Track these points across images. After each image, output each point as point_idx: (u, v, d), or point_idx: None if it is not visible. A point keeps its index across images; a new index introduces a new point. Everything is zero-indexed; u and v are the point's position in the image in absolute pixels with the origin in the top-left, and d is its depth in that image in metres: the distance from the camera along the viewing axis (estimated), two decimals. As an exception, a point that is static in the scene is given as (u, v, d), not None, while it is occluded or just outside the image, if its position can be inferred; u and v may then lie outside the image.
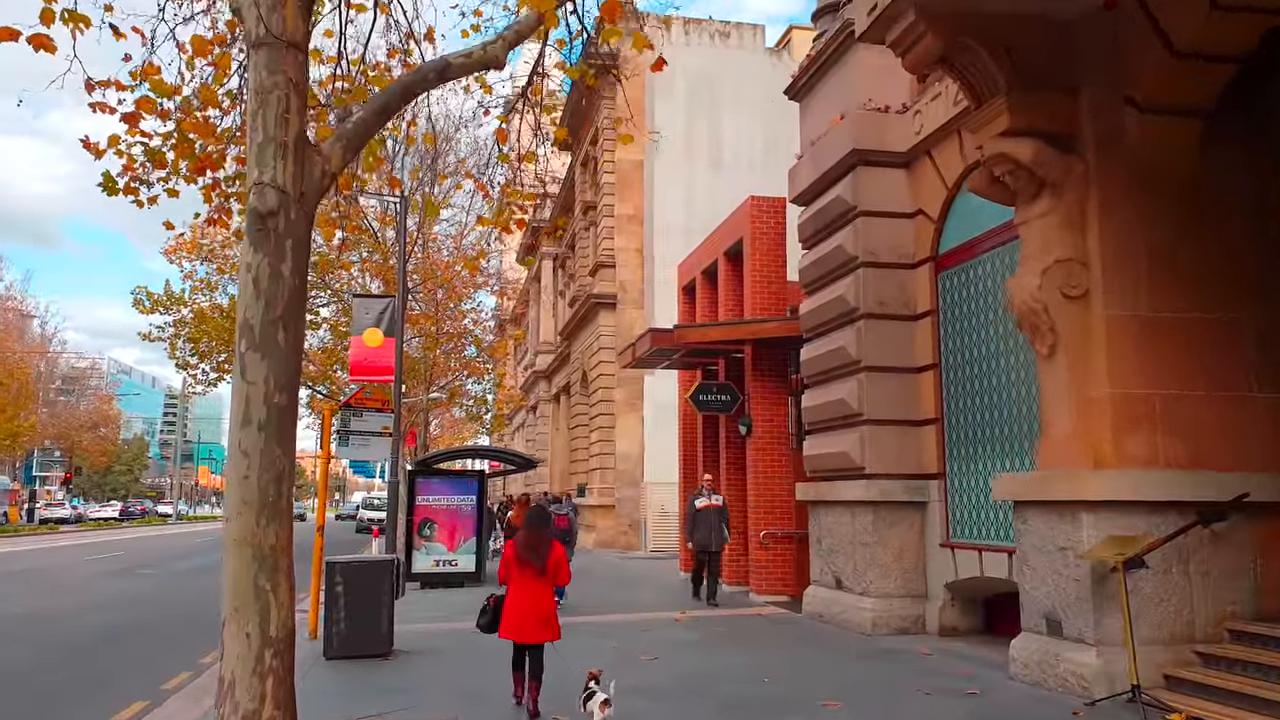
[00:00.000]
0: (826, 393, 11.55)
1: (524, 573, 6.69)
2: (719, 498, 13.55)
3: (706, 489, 13.54)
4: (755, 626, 11.41)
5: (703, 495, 13.45)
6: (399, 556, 10.14)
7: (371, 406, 11.54)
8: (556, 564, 6.73)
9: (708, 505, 13.30)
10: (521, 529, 6.98)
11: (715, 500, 13.42)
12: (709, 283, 16.91)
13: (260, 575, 5.48)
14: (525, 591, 6.67)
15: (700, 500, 13.39)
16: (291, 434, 5.74)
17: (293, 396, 5.74)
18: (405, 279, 25.90)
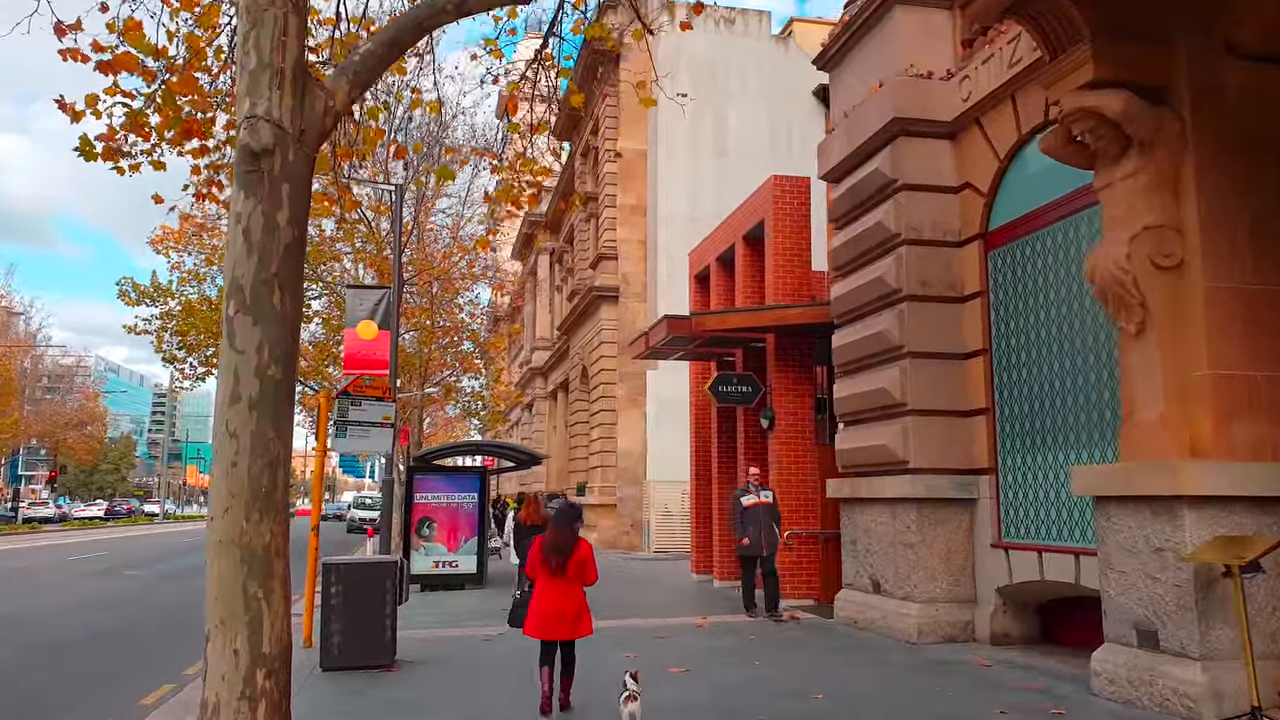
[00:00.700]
0: (863, 381, 10.72)
1: (553, 571, 6.58)
2: (769, 493, 12.02)
3: (754, 484, 11.99)
4: (786, 633, 10.57)
5: (750, 491, 11.90)
6: (402, 558, 9.24)
7: (371, 395, 10.68)
8: (582, 562, 6.61)
9: (756, 503, 11.77)
10: (549, 526, 6.86)
11: (765, 496, 11.90)
12: (725, 270, 16.07)
13: (251, 581, 4.64)
14: (552, 589, 6.58)
15: (748, 497, 11.84)
16: (288, 413, 4.89)
17: (289, 369, 4.89)
18: (400, 270, 25.06)
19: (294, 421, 5.01)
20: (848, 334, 11.14)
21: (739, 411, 14.73)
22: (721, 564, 15.75)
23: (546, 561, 6.59)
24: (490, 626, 11.45)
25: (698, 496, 17.31)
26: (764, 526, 11.66)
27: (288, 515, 4.86)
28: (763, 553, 11.66)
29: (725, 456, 15.82)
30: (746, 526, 11.66)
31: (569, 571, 6.57)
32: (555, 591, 6.57)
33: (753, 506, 11.73)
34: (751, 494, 11.83)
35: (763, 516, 11.69)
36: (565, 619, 6.54)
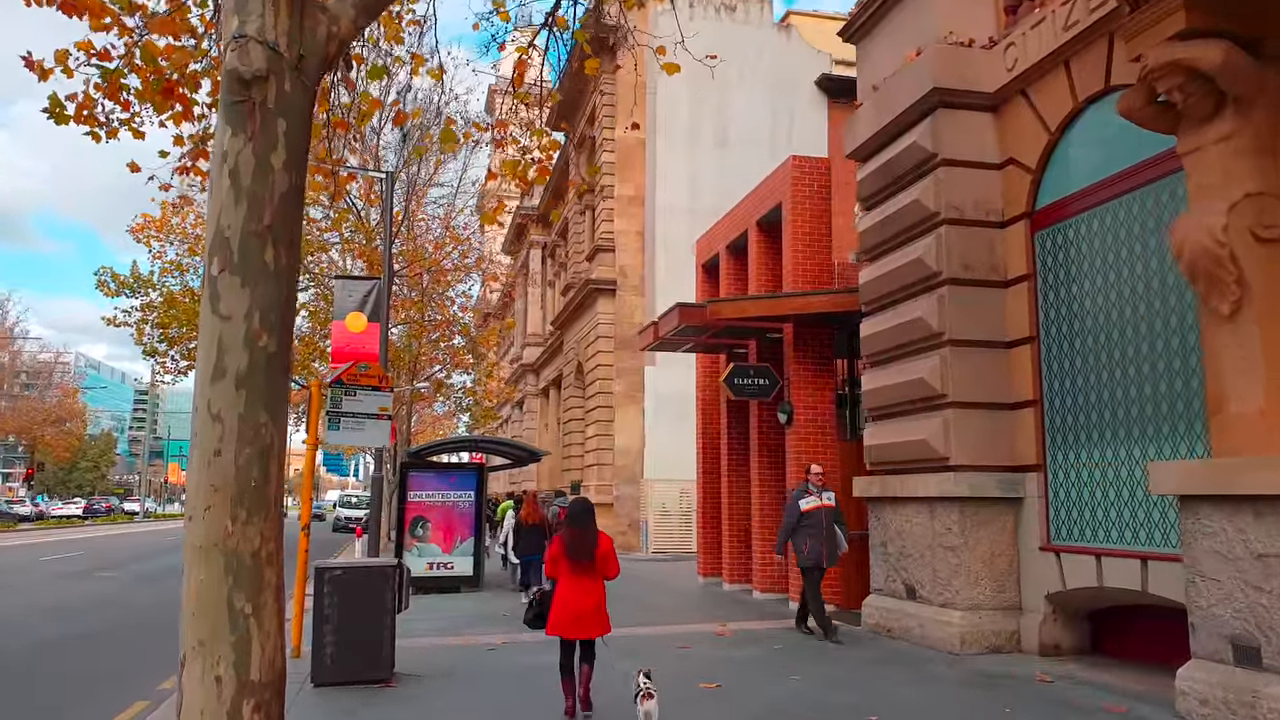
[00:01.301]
0: (897, 372, 10.00)
1: (574, 568, 6.49)
2: (831, 494, 10.29)
3: (815, 484, 10.24)
4: (815, 643, 9.82)
5: (809, 493, 10.20)
6: (400, 561, 8.46)
7: (367, 384, 9.86)
8: (605, 557, 6.56)
9: (817, 506, 10.07)
10: (567, 523, 6.75)
11: (827, 498, 10.16)
12: (736, 258, 15.32)
13: (237, 594, 3.87)
14: (575, 586, 6.48)
15: (807, 500, 10.12)
16: (283, 393, 4.12)
17: (284, 341, 4.12)
18: (390, 260, 24.22)
19: (289, 402, 4.23)
20: (879, 322, 10.41)
21: (753, 406, 13.99)
22: (732, 566, 15.02)
23: (574, 559, 6.48)
24: (493, 634, 10.67)
25: (705, 496, 16.55)
26: (826, 533, 10.08)
27: (282, 516, 4.09)
28: (824, 563, 10.08)
29: (736, 454, 15.07)
30: (805, 534, 10.05)
31: (595, 567, 6.51)
32: (580, 589, 6.47)
33: (813, 511, 10.09)
34: (811, 496, 10.16)
35: (825, 522, 10.12)
36: (589, 617, 6.46)
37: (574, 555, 6.51)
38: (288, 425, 4.11)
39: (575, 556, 6.51)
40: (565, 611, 6.46)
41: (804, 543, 10.05)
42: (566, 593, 6.49)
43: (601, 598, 6.58)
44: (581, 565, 6.49)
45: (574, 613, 6.44)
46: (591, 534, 6.59)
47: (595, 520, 6.78)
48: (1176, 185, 7.30)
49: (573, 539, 6.57)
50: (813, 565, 10.06)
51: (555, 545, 6.68)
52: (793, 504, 10.27)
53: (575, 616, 6.44)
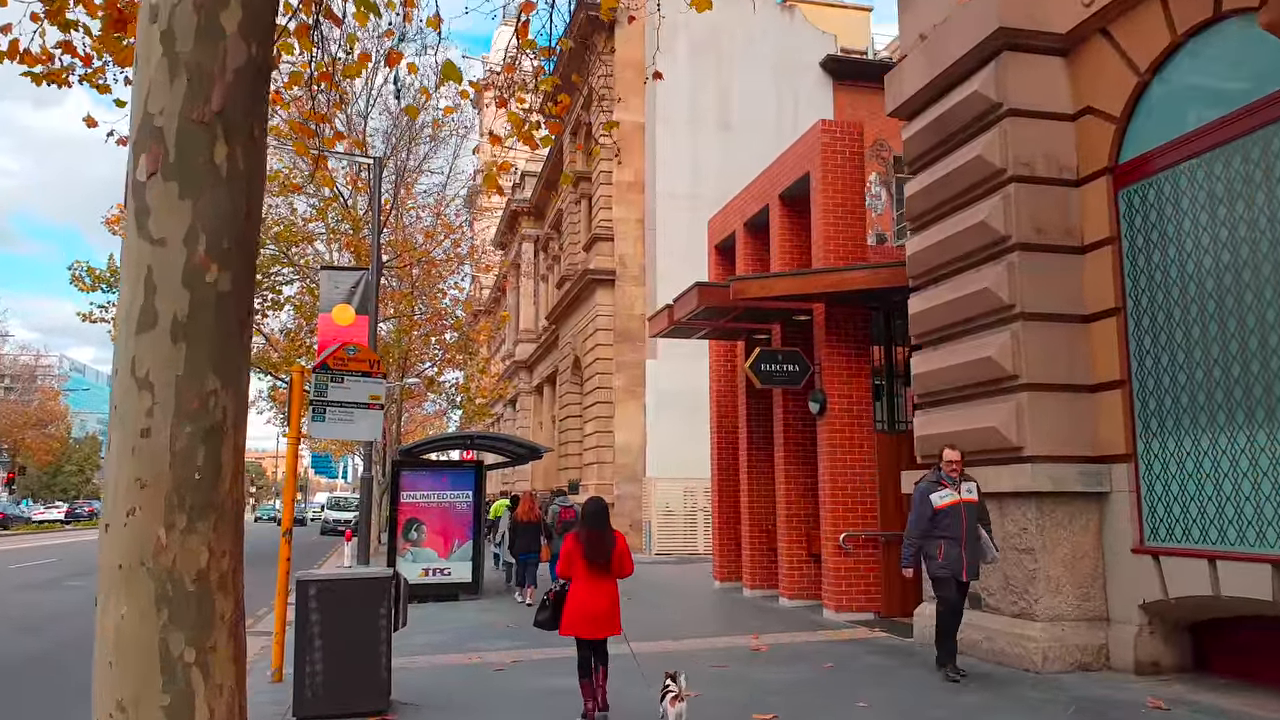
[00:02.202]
0: (957, 352, 8.87)
1: (591, 568, 6.40)
2: (972, 486, 7.86)
3: (949, 473, 7.82)
4: (867, 659, 8.68)
5: (942, 484, 7.81)
6: (398, 573, 7.28)
7: (356, 370, 8.67)
8: (620, 556, 6.49)
9: (955, 502, 7.72)
10: (582, 523, 6.66)
11: (967, 492, 7.80)
12: (755, 236, 14.17)
13: (174, 634, 2.72)
14: (591, 586, 6.40)
15: (941, 494, 7.76)
16: (241, 350, 2.95)
17: (243, 277, 2.95)
18: (379, 250, 23.00)
19: (250, 363, 3.05)
20: (932, 297, 9.28)
21: (777, 396, 12.84)
22: (753, 570, 13.87)
23: (590, 559, 6.39)
24: (500, 649, 9.50)
25: (721, 495, 15.40)
26: (967, 537, 7.70)
27: (241, 522, 2.91)
28: (962, 576, 7.71)
29: (757, 449, 13.93)
30: (939, 538, 7.73)
31: (611, 568, 6.43)
32: (595, 589, 6.40)
33: (950, 508, 7.73)
34: (946, 489, 7.79)
35: (965, 522, 7.71)
36: (605, 617, 6.40)
37: (591, 556, 6.41)
38: (248, 395, 2.93)
39: (593, 557, 6.41)
40: (582, 612, 6.37)
41: (936, 548, 7.71)
42: (583, 593, 6.40)
43: (616, 598, 6.54)
44: (598, 566, 6.40)
45: (590, 613, 6.36)
46: (609, 534, 6.53)
47: (609, 521, 6.69)
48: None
49: (590, 539, 6.47)
50: (948, 578, 7.74)
51: (570, 544, 6.54)
52: (922, 499, 7.89)
53: (591, 617, 6.36)
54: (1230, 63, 7.02)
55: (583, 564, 6.42)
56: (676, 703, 5.74)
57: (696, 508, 24.22)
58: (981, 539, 7.80)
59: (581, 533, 6.56)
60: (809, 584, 12.51)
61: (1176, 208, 7.50)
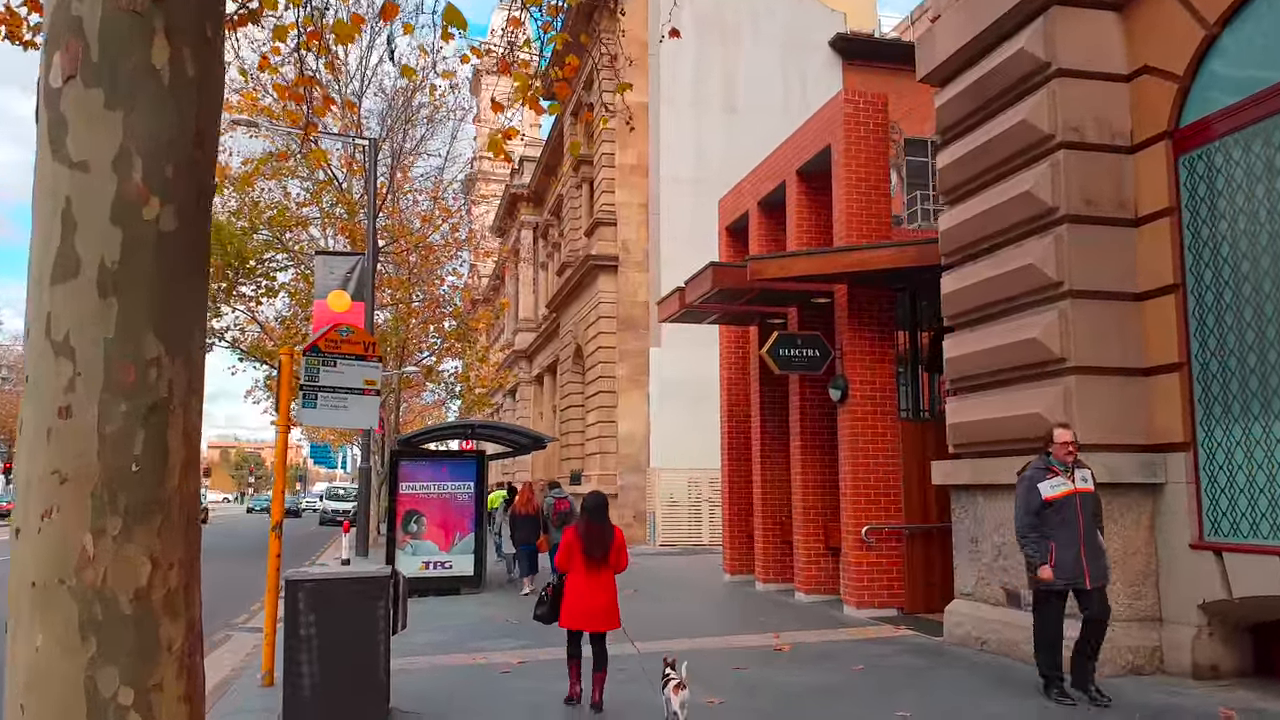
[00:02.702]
0: (996, 333, 8.26)
1: (589, 563, 6.43)
2: (1087, 474, 6.61)
3: (1061, 458, 6.55)
4: (898, 660, 8.10)
5: (1055, 473, 6.53)
6: (395, 569, 6.69)
7: (350, 353, 8.06)
8: (618, 550, 6.52)
9: (1069, 493, 6.46)
10: (582, 516, 6.69)
11: (1083, 481, 6.54)
12: (770, 216, 13.54)
13: (105, 671, 2.09)
14: (589, 580, 6.43)
15: (1052, 483, 6.50)
16: (195, 308, 2.33)
17: (192, 216, 2.34)
18: (375, 234, 22.39)
19: (205, 324, 2.43)
20: (968, 274, 8.67)
21: (793, 383, 12.24)
22: (766, 564, 13.30)
23: (588, 553, 6.42)
24: (505, 649, 8.92)
25: (731, 486, 14.81)
26: (1085, 534, 6.42)
27: (195, 526, 2.30)
28: (1084, 583, 6.40)
29: (771, 437, 13.34)
30: (1058, 533, 6.42)
31: (609, 561, 6.47)
32: (594, 583, 6.42)
33: (1063, 499, 6.45)
34: (1057, 476, 6.51)
35: (1081, 516, 6.44)
36: (603, 612, 6.42)
37: (590, 551, 6.44)
38: (203, 366, 2.31)
39: (592, 552, 6.43)
40: (580, 606, 6.40)
41: (1046, 550, 6.48)
42: (581, 588, 6.42)
43: (614, 592, 6.54)
44: (597, 560, 6.43)
45: (588, 608, 6.39)
46: (609, 529, 6.55)
47: (608, 514, 6.69)
48: None
49: (589, 534, 6.49)
50: (1060, 587, 6.46)
51: (570, 538, 6.54)
52: (1028, 488, 6.57)
53: (590, 611, 6.39)
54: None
55: (581, 558, 6.44)
56: (680, 690, 5.65)
57: (701, 498, 23.67)
58: (1097, 539, 6.52)
59: (581, 526, 6.57)
60: (826, 578, 11.94)
61: (1246, 174, 6.88)
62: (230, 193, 24.75)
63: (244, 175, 24.66)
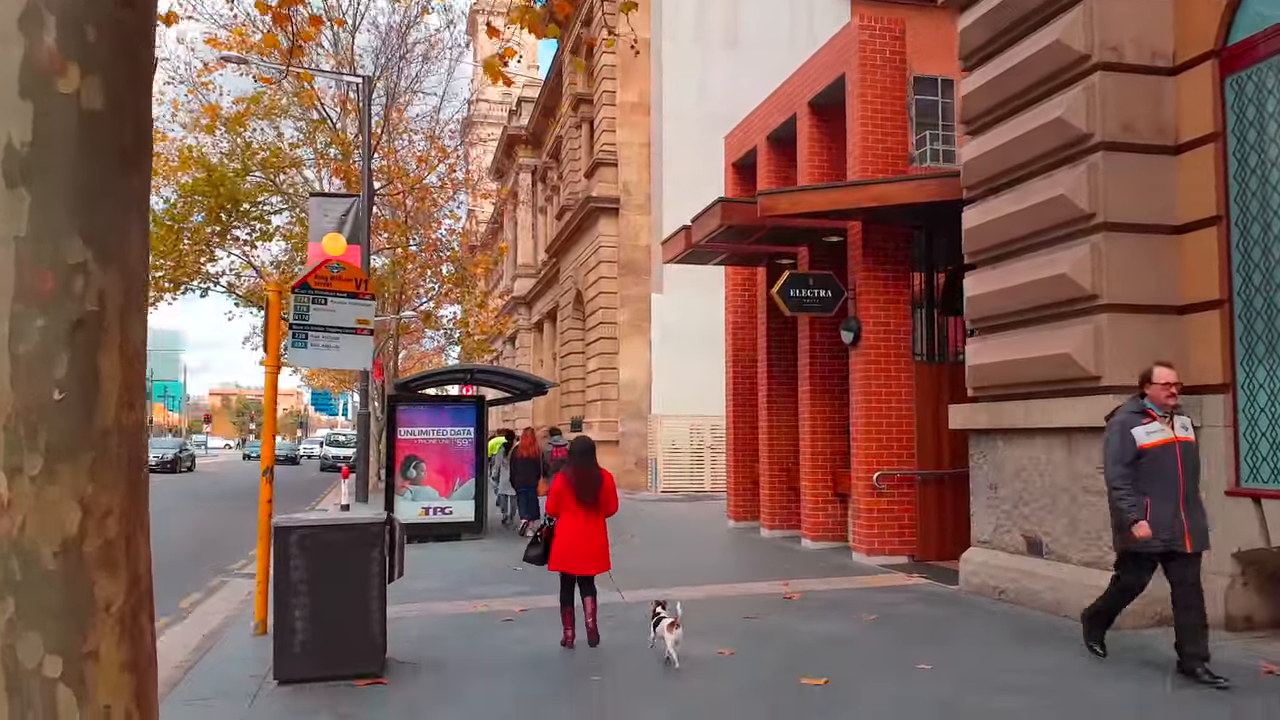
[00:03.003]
0: (1020, 270, 7.85)
1: (579, 506, 6.50)
2: (1187, 421, 5.82)
3: (1161, 401, 5.71)
4: (912, 609, 7.82)
5: (1152, 417, 5.71)
6: (393, 517, 6.36)
7: (341, 290, 7.66)
8: (608, 494, 6.61)
9: (1169, 440, 5.64)
10: (570, 462, 6.73)
11: (1184, 429, 5.73)
12: (780, 151, 13.03)
13: (28, 636, 1.75)
14: (579, 523, 6.50)
15: (1147, 430, 5.66)
16: (134, 203, 1.90)
17: (124, 90, 1.88)
18: (370, 175, 21.85)
19: (148, 226, 2.02)
20: (992, 208, 8.23)
21: (802, 325, 11.85)
22: (772, 510, 13.04)
23: (579, 497, 6.48)
24: (506, 595, 8.67)
25: (736, 432, 14.50)
26: (1185, 489, 5.62)
27: (139, 465, 1.92)
28: (1184, 545, 5.57)
29: (778, 382, 12.99)
30: (1154, 484, 5.57)
31: (598, 505, 6.53)
32: (584, 526, 6.48)
33: (1160, 447, 5.62)
34: (1154, 422, 5.68)
35: (1181, 466, 5.63)
36: (593, 554, 6.50)
37: (579, 494, 6.48)
38: (146, 275, 1.92)
39: (581, 495, 6.48)
40: (571, 549, 6.45)
41: (1151, 498, 5.59)
42: (571, 531, 6.47)
43: (604, 535, 6.61)
44: (586, 503, 6.48)
45: (579, 551, 6.45)
46: (596, 472, 6.59)
47: (595, 459, 6.75)
48: None
49: (578, 478, 6.53)
50: (1155, 548, 5.60)
51: (559, 483, 6.60)
52: (1121, 433, 5.69)
53: (580, 554, 6.45)
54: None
55: (571, 501, 6.48)
56: (674, 629, 5.70)
57: (704, 445, 23.44)
58: (1198, 495, 5.73)
59: (569, 470, 6.59)
60: (834, 525, 11.68)
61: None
62: (222, 133, 24.13)
63: (236, 115, 23.98)
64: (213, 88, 24.74)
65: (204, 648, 6.85)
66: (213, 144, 24.20)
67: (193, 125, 24.19)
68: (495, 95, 53.71)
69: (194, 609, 8.76)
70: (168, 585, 10.12)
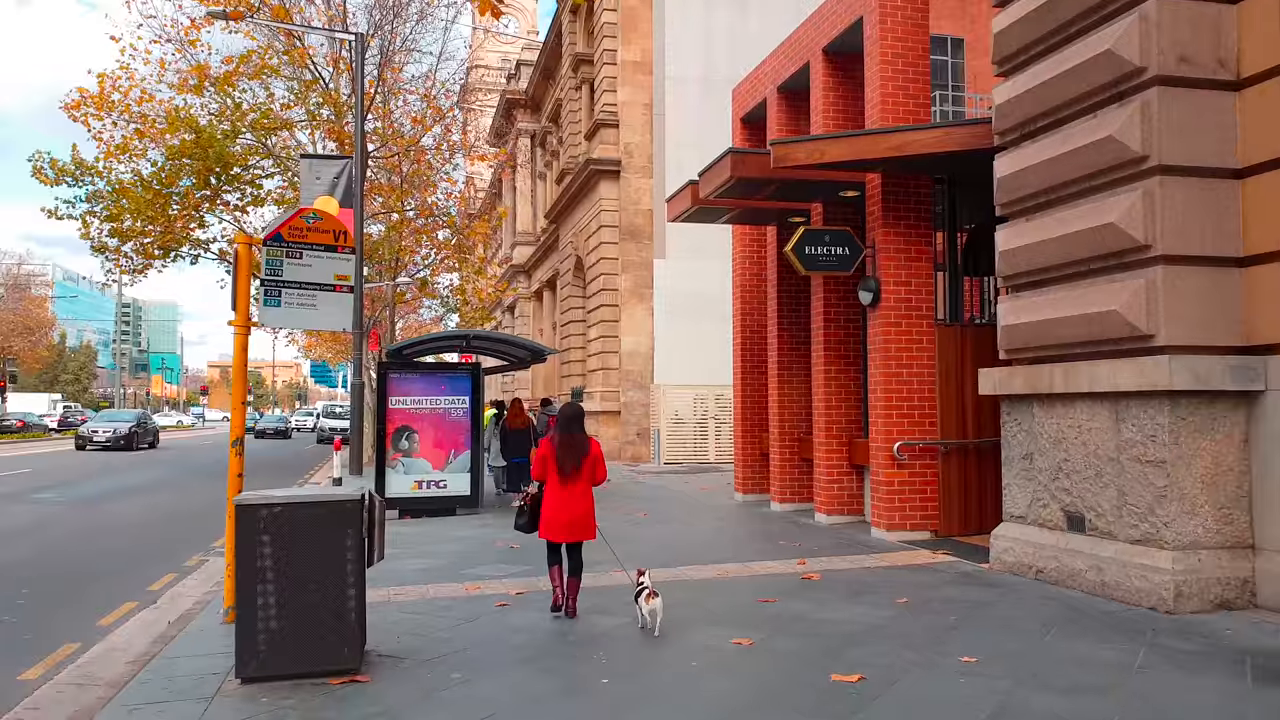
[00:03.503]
0: (1063, 220, 7.16)
1: (564, 474, 6.38)
2: None
3: None
4: (945, 592, 7.20)
5: None
6: (369, 492, 5.69)
7: (318, 243, 6.98)
8: (594, 462, 6.48)
9: None
10: (556, 428, 6.58)
11: None
12: (792, 103, 12.28)
13: None
14: (564, 491, 6.40)
15: None
16: None
17: None
18: (363, 134, 21.12)
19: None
20: (1029, 154, 7.52)
21: (816, 286, 11.17)
22: (783, 483, 12.43)
23: (561, 465, 6.39)
24: (503, 576, 8.07)
25: (744, 400, 13.87)
26: None
27: None
28: None
29: (790, 347, 12.34)
30: None
31: (583, 472, 6.42)
32: (570, 494, 6.40)
33: None
34: None
35: None
36: (580, 522, 6.41)
37: (560, 461, 6.39)
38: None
39: (565, 462, 6.38)
40: (555, 517, 6.39)
41: None
42: (557, 499, 6.41)
43: (591, 503, 6.51)
44: (570, 471, 6.38)
45: (565, 519, 6.38)
46: (582, 441, 6.48)
47: (583, 425, 6.66)
48: None
49: (563, 445, 6.43)
50: None
51: (545, 449, 6.49)
52: None
53: (566, 522, 6.39)
54: None
55: (555, 469, 6.38)
56: (651, 599, 5.78)
57: (708, 415, 22.84)
58: None
59: (555, 437, 6.46)
60: (849, 499, 11.08)
61: (1387, 18, 5.70)
62: (211, 94, 23.31)
63: (224, 75, 23.15)
64: (200, 46, 23.85)
65: (168, 636, 6.25)
66: (201, 106, 23.39)
67: (180, 85, 23.35)
68: (494, 61, 52.60)
69: (165, 591, 8.15)
70: (137, 567, 9.51)
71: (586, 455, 6.43)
